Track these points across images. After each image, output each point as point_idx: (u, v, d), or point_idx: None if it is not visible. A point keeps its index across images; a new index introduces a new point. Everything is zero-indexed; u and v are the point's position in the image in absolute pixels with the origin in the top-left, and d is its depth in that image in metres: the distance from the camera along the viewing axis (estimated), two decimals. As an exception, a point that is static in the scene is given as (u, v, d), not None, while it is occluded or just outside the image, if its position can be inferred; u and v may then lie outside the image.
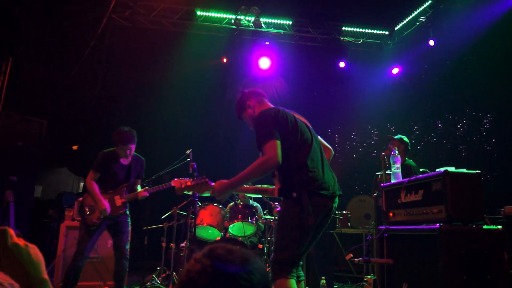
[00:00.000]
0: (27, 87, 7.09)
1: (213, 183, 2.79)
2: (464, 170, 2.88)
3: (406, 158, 5.53)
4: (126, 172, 4.41)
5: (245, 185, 3.12)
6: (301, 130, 2.75)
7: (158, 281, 5.43)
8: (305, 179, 2.61)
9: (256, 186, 3.27)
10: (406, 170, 5.19)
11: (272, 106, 3.00)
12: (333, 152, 3.14)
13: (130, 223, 4.43)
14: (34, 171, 6.54)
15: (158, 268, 5.63)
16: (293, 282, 2.55)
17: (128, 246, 4.32)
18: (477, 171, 2.89)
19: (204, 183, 2.80)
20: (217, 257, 1.05)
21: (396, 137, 5.54)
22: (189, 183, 2.86)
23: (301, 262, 2.85)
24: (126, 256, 4.26)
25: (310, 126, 2.96)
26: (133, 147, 4.34)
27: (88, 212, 4.23)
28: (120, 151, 4.31)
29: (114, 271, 4.24)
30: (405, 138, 5.54)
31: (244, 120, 3.08)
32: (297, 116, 2.90)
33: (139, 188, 4.55)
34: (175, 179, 4.32)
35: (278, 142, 2.57)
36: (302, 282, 2.80)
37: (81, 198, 4.44)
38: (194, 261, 1.06)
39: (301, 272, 2.83)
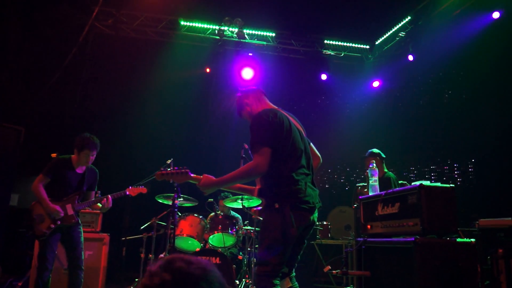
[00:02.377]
0: (5, 94, 6.96)
1: (193, 174, 2.86)
2: (439, 184, 2.95)
3: (386, 170, 5.61)
4: (79, 181, 4.27)
5: None
6: (294, 138, 2.75)
7: (136, 292, 5.35)
8: (288, 192, 2.63)
9: (240, 184, 3.29)
10: (386, 182, 5.27)
11: (271, 104, 3.03)
12: (321, 160, 3.18)
13: (82, 232, 4.29)
14: (10, 179, 6.39)
15: (137, 279, 5.54)
16: None
17: (83, 257, 4.21)
18: (451, 185, 2.97)
19: (184, 173, 2.86)
20: (177, 270, 1.05)
21: (371, 151, 5.60)
22: (169, 171, 2.89)
23: (293, 273, 2.88)
24: (81, 267, 4.15)
25: (303, 132, 2.96)
26: (95, 154, 4.25)
27: (36, 222, 4.06)
28: (82, 156, 4.19)
29: (68, 283, 4.10)
30: (375, 150, 5.60)
31: (245, 119, 3.11)
32: (293, 120, 2.91)
33: None
34: (130, 187, 4.54)
35: (269, 150, 2.60)
36: None
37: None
38: (150, 274, 1.06)
39: (296, 283, 2.86)
